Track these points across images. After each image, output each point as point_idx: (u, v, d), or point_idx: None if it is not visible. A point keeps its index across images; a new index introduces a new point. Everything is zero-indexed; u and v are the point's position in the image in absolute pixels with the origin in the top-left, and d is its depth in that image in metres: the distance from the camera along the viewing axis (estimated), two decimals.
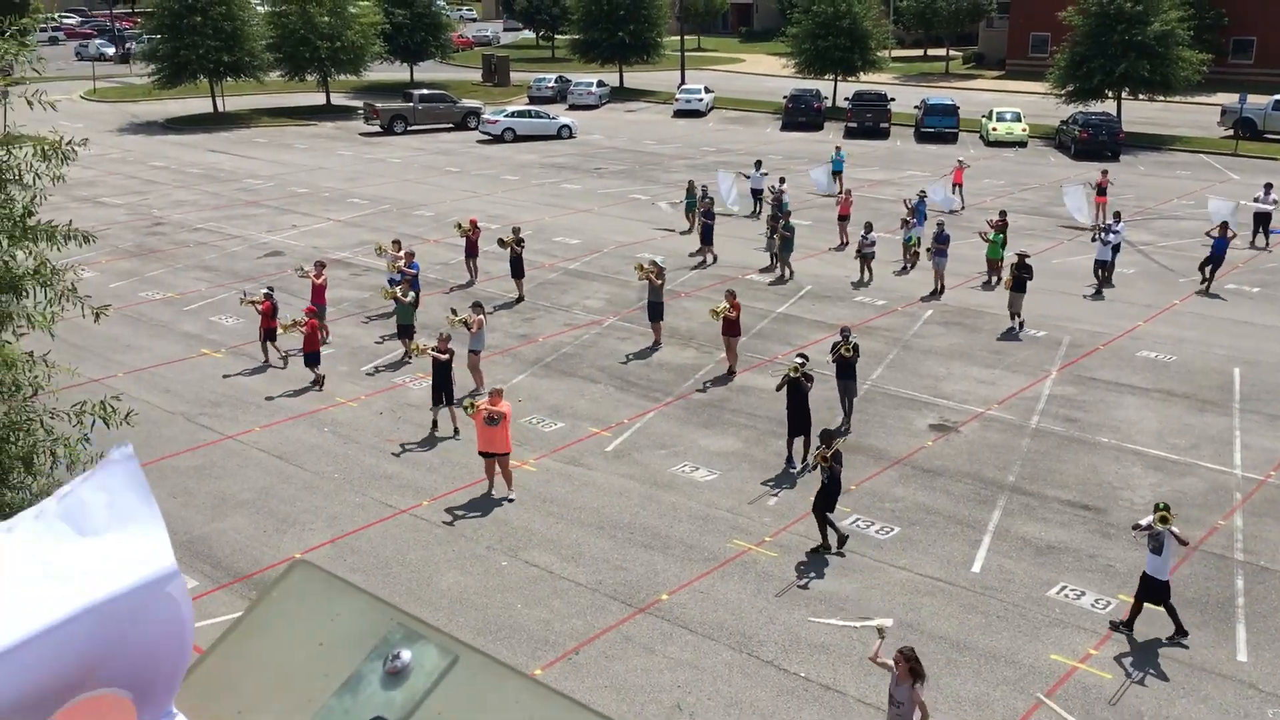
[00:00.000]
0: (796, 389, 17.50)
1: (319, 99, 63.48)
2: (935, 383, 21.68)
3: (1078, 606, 14.16)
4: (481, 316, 20.81)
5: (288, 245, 32.33)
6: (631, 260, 30.21)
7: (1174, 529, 13.02)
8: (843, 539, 15.41)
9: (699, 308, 25.30)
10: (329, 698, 1.45)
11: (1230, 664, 12.99)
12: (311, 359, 21.13)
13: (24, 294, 10.16)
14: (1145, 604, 13.35)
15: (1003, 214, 29.52)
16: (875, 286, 27.73)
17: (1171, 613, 13.35)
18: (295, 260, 28.85)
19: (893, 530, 16.02)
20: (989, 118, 52.13)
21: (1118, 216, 29.43)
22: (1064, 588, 14.61)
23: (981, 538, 15.85)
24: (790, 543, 15.71)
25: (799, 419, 17.73)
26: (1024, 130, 50.82)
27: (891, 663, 10.84)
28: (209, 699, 1.50)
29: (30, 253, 10.25)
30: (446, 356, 18.93)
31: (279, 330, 21.65)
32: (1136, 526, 13.62)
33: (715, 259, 29.86)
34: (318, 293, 23.17)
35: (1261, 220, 31.94)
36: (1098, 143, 46.98)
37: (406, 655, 1.45)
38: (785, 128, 56.09)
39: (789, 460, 18.05)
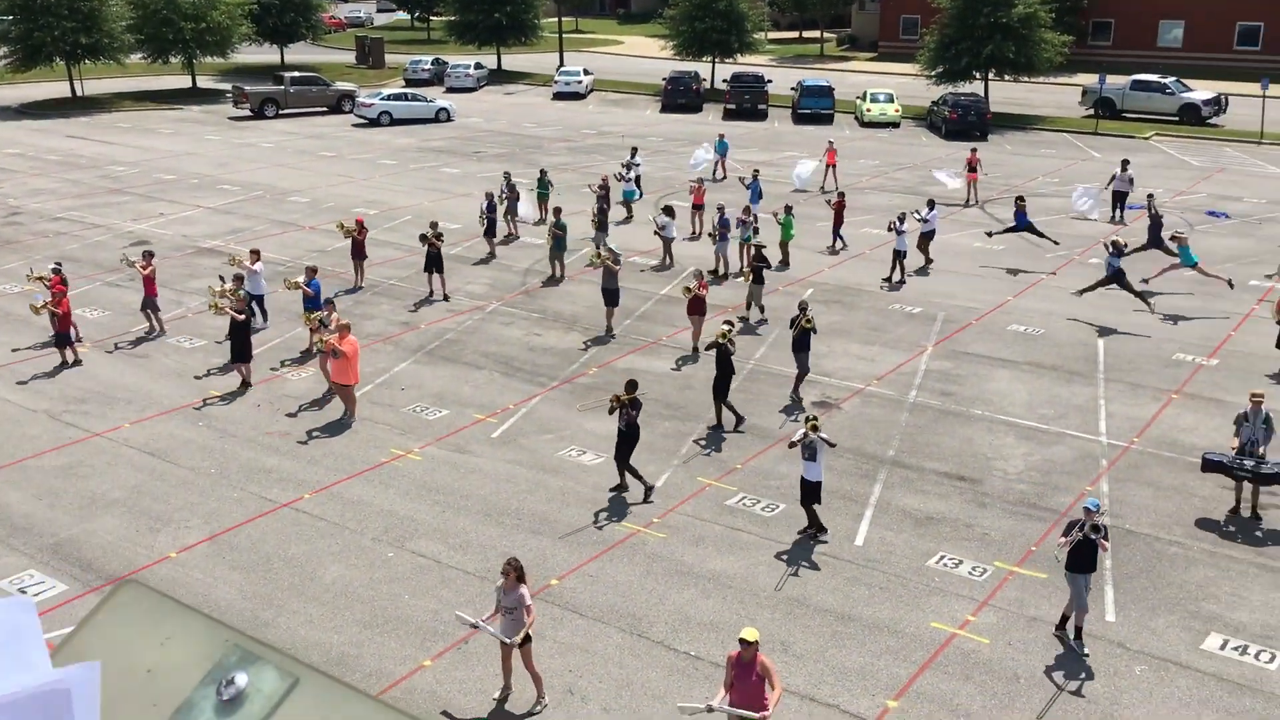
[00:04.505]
0: (724, 353, 18.57)
1: (184, 82, 61.35)
2: (816, 360, 22.00)
3: (956, 575, 14.58)
4: (338, 314, 20.29)
5: (154, 234, 31.18)
6: (510, 244, 29.97)
7: (823, 435, 14.82)
8: (649, 489, 16.42)
9: (582, 291, 25.22)
10: None
11: (1100, 624, 13.52)
12: (61, 339, 21.32)
13: None
14: (811, 510, 15.31)
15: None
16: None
17: (814, 514, 15.29)
18: (164, 249, 27.81)
19: (778, 507, 16.25)
20: (863, 99, 53.07)
21: (931, 204, 28.01)
22: (942, 557, 15.03)
23: (864, 511, 16.20)
24: (679, 523, 15.82)
25: (723, 382, 18.70)
26: (897, 111, 51.86)
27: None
28: None
29: None
30: (243, 317, 20.16)
31: (35, 310, 21.30)
32: (792, 444, 15.05)
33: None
34: (148, 284, 22.59)
35: (1119, 198, 33.34)
36: (966, 123, 48.28)
37: (242, 680, 1.35)
38: (665, 110, 56.25)
39: (719, 425, 19.00)
